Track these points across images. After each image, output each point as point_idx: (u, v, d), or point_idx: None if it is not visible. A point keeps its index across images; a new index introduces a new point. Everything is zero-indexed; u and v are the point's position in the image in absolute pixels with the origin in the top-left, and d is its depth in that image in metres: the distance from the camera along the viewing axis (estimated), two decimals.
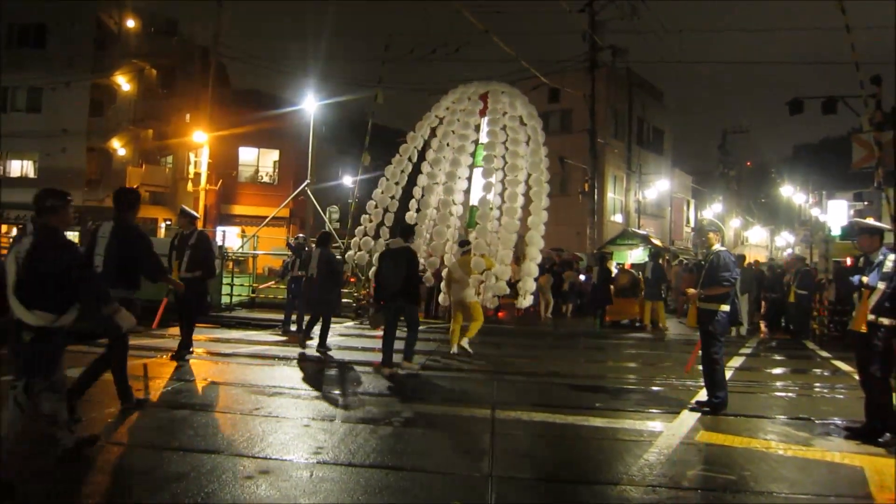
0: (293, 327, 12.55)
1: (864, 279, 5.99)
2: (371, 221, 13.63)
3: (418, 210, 13.53)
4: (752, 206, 58.04)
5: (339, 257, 13.59)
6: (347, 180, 30.52)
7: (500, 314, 16.34)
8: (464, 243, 11.74)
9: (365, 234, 13.53)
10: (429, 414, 6.47)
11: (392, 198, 13.39)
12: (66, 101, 29.88)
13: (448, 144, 12.66)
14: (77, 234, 28.22)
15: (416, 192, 13.34)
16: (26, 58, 30.61)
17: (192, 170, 25.25)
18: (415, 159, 13.41)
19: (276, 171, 32.31)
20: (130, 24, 31.59)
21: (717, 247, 7.01)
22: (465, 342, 10.44)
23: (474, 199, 12.15)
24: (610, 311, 16.65)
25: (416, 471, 4.69)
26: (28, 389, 4.24)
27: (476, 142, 12.50)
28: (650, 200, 38.51)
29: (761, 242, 56.71)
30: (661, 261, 16.70)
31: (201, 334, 12.45)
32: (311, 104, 23.53)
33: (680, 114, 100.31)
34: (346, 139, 33.20)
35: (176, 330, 12.67)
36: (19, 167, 32.66)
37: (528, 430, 5.94)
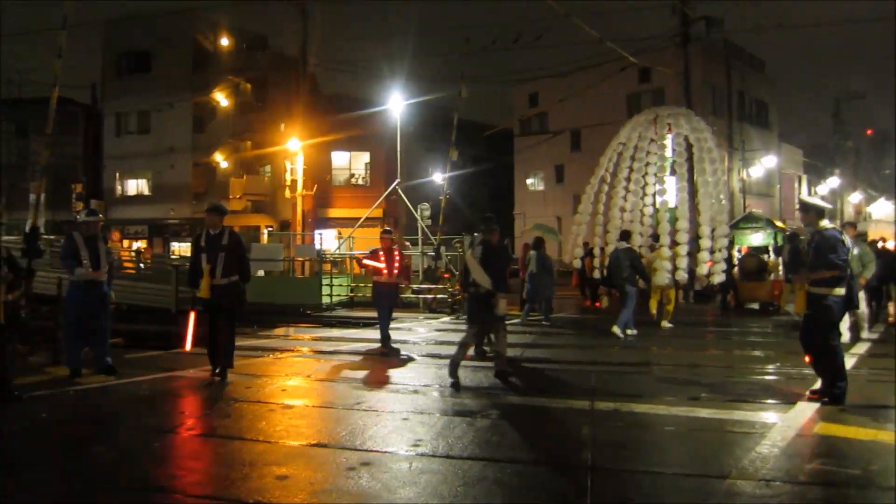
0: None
1: None
2: (584, 232, 16.25)
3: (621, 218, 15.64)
4: (875, 178, 53.92)
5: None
6: (437, 177, 30.75)
7: None
8: (656, 237, 14.27)
9: (578, 245, 16.25)
10: (526, 406, 6.42)
11: (591, 213, 16.14)
12: (171, 121, 31.79)
13: (634, 158, 15.12)
14: (189, 244, 30.01)
15: (617, 202, 15.42)
16: (134, 84, 32.87)
17: (289, 177, 26.11)
18: (608, 179, 15.87)
19: (368, 172, 33.01)
20: (224, 42, 33.05)
21: (824, 223, 6.42)
22: (664, 324, 12.68)
23: (671, 203, 14.41)
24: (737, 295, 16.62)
25: (513, 462, 4.65)
26: (496, 330, 7.65)
27: (659, 156, 14.76)
28: (756, 178, 36.58)
29: (887, 217, 52.37)
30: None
31: (304, 333, 12.93)
32: (397, 104, 23.87)
33: (786, 83, 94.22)
34: (433, 136, 33.49)
35: (281, 330, 13.35)
36: (135, 186, 35.07)
37: (628, 422, 5.76)
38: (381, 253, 10.19)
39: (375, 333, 12.29)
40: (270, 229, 31.29)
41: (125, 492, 4.18)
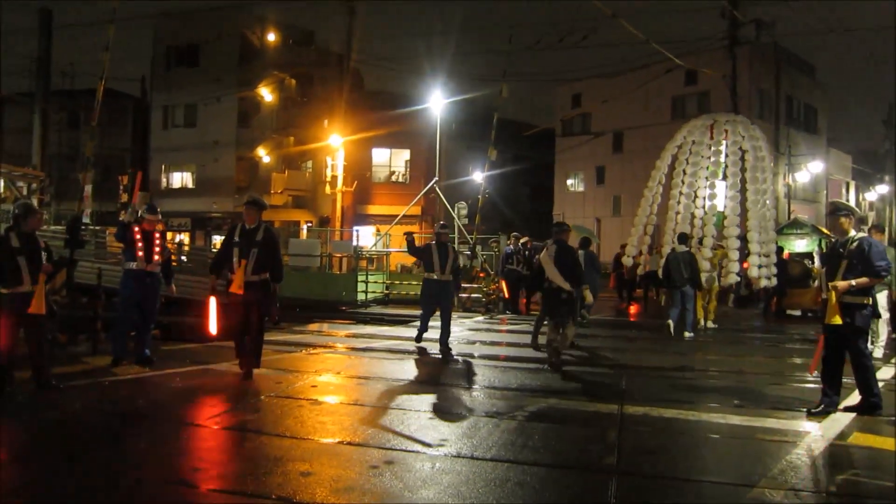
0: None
1: None
2: (640, 233, 16.38)
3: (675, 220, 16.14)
4: None
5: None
6: (477, 176, 30.73)
7: None
8: (700, 240, 14.61)
9: (634, 245, 16.59)
10: (553, 408, 6.37)
11: (651, 215, 16.41)
12: (217, 115, 32.27)
13: (688, 162, 15.52)
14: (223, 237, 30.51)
15: (672, 205, 15.86)
16: (182, 77, 33.50)
17: (329, 173, 26.36)
18: (663, 182, 16.32)
19: (408, 170, 33.13)
20: (271, 37, 33.42)
21: (855, 233, 6.15)
22: (709, 323, 13.32)
23: (720, 206, 14.92)
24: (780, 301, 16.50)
25: (537, 465, 4.63)
26: (563, 324, 8.23)
27: (713, 161, 15.21)
28: (802, 184, 35.76)
29: None
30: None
31: (338, 329, 13.04)
32: (438, 102, 23.88)
33: (836, 88, 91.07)
34: (475, 134, 33.42)
35: (315, 326, 13.47)
36: (179, 178, 35.79)
37: (657, 427, 5.70)
38: (433, 247, 9.62)
39: (409, 331, 12.34)
40: (310, 224, 31.65)
41: (149, 485, 4.27)
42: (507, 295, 15.92)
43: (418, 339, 10.03)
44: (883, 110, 49.79)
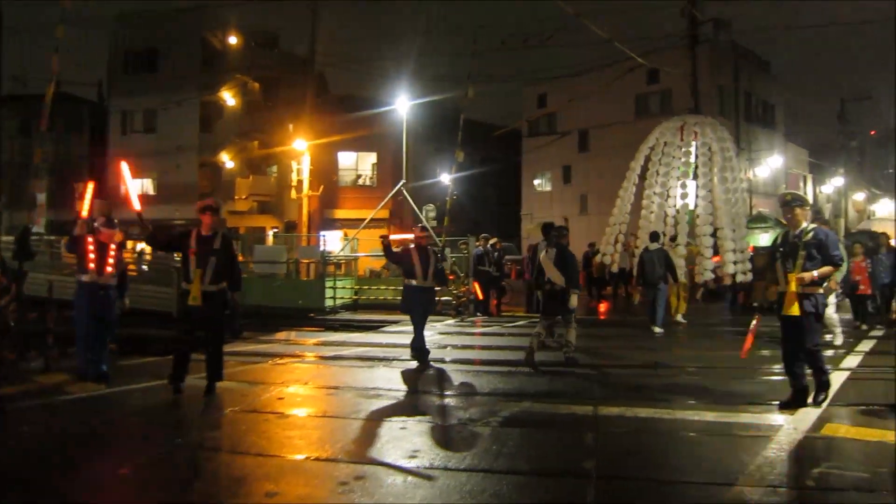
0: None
1: None
2: (616, 232, 16.97)
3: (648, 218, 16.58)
4: (879, 177, 53.56)
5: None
6: (445, 178, 30.58)
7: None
8: (673, 237, 15.05)
9: (610, 243, 17.15)
10: (527, 412, 6.26)
11: (626, 213, 16.95)
12: (178, 120, 31.52)
13: (661, 163, 16.03)
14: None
15: (646, 204, 16.34)
16: (141, 82, 32.67)
17: (295, 177, 25.95)
18: (637, 182, 16.81)
19: (375, 173, 32.84)
20: (233, 40, 32.75)
21: (807, 224, 6.09)
22: (679, 317, 13.51)
23: (691, 205, 15.46)
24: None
25: (513, 473, 4.51)
26: (567, 324, 8.59)
27: (684, 161, 15.79)
28: (762, 178, 36.51)
29: (889, 216, 52.13)
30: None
31: (306, 337, 12.78)
32: (404, 104, 23.68)
33: (792, 84, 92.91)
34: (442, 136, 33.26)
35: (282, 334, 13.20)
36: (139, 185, 34.88)
37: (633, 427, 5.62)
38: (413, 251, 9.03)
39: (379, 337, 12.19)
40: (276, 230, 31.15)
41: None
42: (480, 296, 15.85)
43: (425, 361, 8.91)
44: (836, 105, 51.04)
